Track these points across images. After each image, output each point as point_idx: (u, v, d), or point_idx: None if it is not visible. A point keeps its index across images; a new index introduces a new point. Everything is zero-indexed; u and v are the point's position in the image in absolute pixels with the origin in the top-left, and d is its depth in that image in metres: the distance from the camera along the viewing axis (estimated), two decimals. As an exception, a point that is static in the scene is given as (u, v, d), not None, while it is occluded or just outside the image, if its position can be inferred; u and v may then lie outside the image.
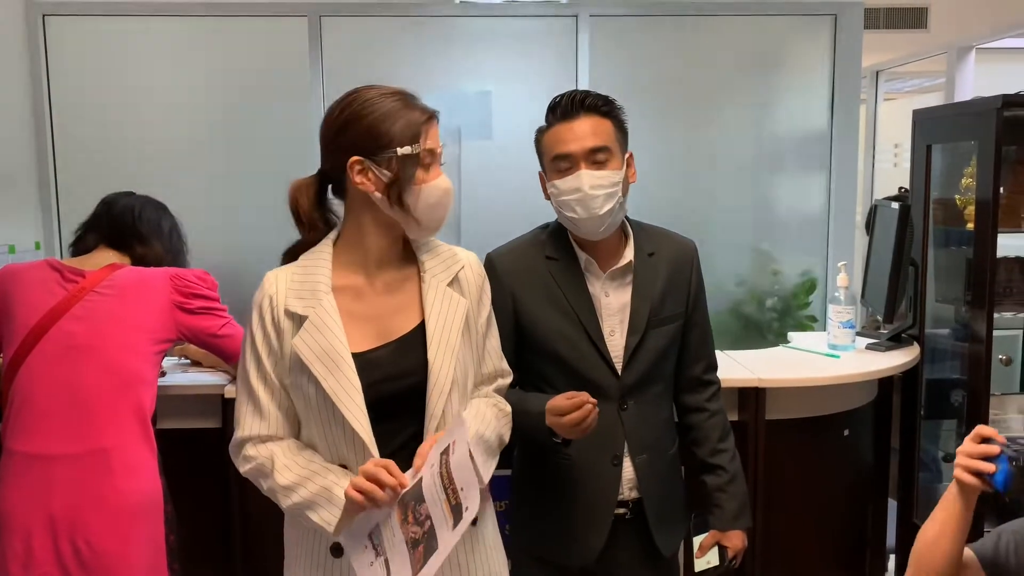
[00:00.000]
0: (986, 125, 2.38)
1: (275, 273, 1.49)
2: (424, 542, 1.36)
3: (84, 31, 3.29)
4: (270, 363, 1.44)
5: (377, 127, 1.41)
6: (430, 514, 1.36)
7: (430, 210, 1.45)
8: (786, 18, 3.55)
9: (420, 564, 1.35)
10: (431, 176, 1.45)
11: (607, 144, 1.69)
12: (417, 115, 1.44)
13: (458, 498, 1.38)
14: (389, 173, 1.41)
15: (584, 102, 1.70)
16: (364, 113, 1.42)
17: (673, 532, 1.85)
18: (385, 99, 1.44)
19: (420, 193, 1.43)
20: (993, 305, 2.43)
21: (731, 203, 3.53)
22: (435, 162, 1.46)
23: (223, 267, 2.33)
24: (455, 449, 1.39)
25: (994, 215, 2.40)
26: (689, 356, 1.85)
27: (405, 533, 1.35)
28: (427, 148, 1.44)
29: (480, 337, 1.55)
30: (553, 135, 1.72)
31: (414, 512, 1.35)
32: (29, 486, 1.80)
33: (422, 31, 3.38)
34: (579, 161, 1.68)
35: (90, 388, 1.83)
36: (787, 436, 2.36)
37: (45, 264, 1.95)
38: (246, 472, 1.47)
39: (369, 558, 1.36)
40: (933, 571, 1.41)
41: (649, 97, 3.43)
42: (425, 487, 1.36)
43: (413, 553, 1.35)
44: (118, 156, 3.31)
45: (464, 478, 1.39)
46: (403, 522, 1.35)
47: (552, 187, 1.72)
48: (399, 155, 1.41)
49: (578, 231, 1.74)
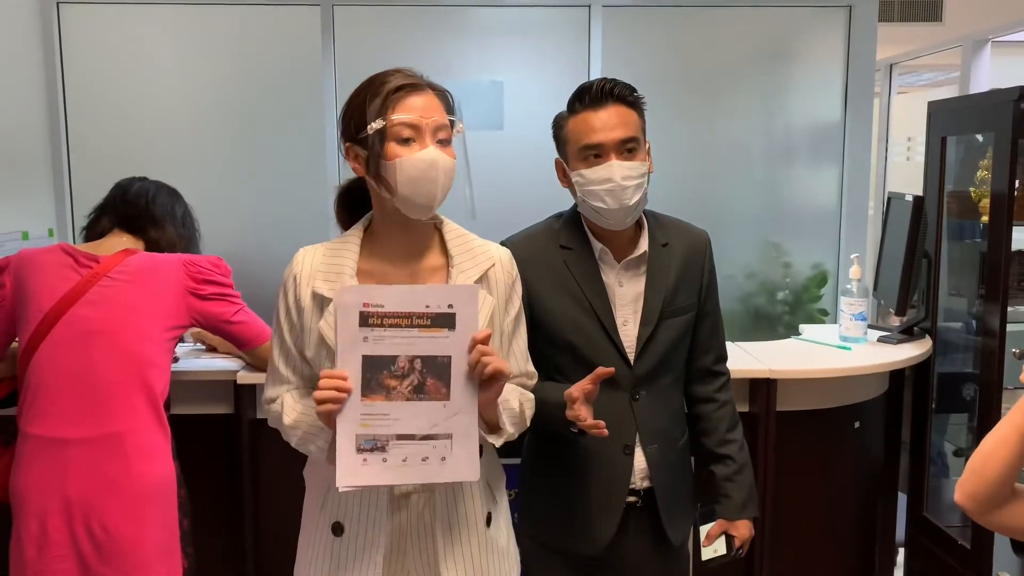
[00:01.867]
0: (1003, 117, 2.37)
1: (304, 252, 1.52)
2: (430, 375, 1.35)
3: (97, 19, 3.30)
4: (291, 336, 1.51)
5: (355, 109, 1.44)
6: (412, 361, 1.34)
7: (412, 184, 1.40)
8: (800, 9, 3.53)
9: (445, 390, 1.35)
10: (411, 149, 1.40)
11: (635, 135, 1.69)
12: (389, 88, 1.41)
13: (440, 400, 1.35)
14: (366, 152, 1.42)
15: (613, 91, 1.68)
16: (350, 99, 1.46)
17: (683, 521, 1.86)
18: (372, 81, 1.44)
19: (397, 168, 1.40)
20: (1007, 298, 2.42)
21: (743, 195, 3.52)
22: (418, 136, 1.41)
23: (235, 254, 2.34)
24: (455, 332, 1.34)
25: (1009, 208, 2.38)
26: (700, 347, 1.85)
27: (399, 394, 1.34)
28: (400, 121, 1.40)
29: (505, 337, 1.55)
30: (581, 122, 1.69)
31: (391, 373, 1.34)
32: (44, 469, 1.82)
33: (434, 20, 3.38)
34: (610, 151, 1.67)
35: (104, 373, 1.84)
36: (798, 428, 2.36)
37: (59, 249, 1.96)
38: (269, 421, 1.57)
39: (357, 461, 1.35)
40: (985, 480, 1.37)
41: (661, 89, 3.42)
42: (385, 349, 1.34)
43: (424, 395, 1.35)
44: (130, 144, 3.32)
45: (460, 391, 1.35)
46: (389, 392, 1.34)
47: (578, 176, 1.70)
48: (369, 131, 1.40)
49: (603, 222, 1.72)
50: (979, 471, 1.38)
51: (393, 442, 1.35)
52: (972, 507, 1.39)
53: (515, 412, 1.51)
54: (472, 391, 1.36)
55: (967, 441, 2.72)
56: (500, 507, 1.59)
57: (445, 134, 1.45)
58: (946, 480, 2.84)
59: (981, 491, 1.38)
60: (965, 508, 1.40)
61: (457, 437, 1.35)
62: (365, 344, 1.34)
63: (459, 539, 1.49)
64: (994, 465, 1.36)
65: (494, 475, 1.59)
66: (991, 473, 1.36)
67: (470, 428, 1.36)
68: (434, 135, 1.43)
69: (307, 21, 3.31)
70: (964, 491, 1.39)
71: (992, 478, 1.36)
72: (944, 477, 2.85)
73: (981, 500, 1.38)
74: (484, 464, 1.48)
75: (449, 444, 1.35)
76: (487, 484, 1.55)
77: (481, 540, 1.51)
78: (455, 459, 1.36)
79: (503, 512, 1.60)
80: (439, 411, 1.35)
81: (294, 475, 1.66)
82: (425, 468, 1.35)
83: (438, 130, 1.43)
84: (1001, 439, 1.37)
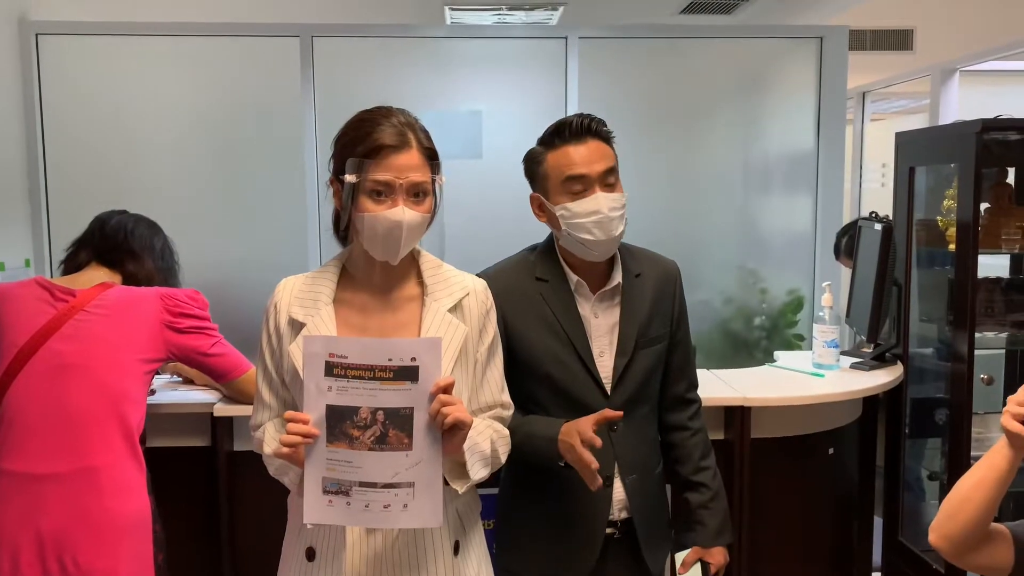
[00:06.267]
0: (966, 148, 2.42)
1: (286, 281, 1.56)
2: (392, 426, 1.36)
3: (76, 50, 3.32)
4: (272, 363, 1.55)
5: (341, 150, 1.48)
6: (374, 413, 1.36)
7: (376, 238, 1.45)
8: (772, 41, 3.61)
9: (408, 440, 1.36)
10: (381, 207, 1.44)
11: (614, 167, 1.73)
12: (372, 146, 1.44)
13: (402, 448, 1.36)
14: (344, 196, 1.46)
15: (591, 126, 1.72)
16: (340, 134, 1.50)
17: (661, 550, 1.87)
18: (363, 123, 1.47)
19: (364, 221, 1.45)
20: (974, 325, 2.47)
21: (719, 222, 3.57)
22: (390, 193, 1.44)
23: (214, 285, 2.35)
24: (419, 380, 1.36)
25: (975, 236, 2.44)
26: (672, 375, 1.87)
27: (362, 444, 1.36)
28: (375, 179, 1.43)
29: (479, 366, 1.57)
30: (563, 157, 1.72)
31: (354, 423, 1.36)
32: (18, 504, 1.80)
33: (414, 52, 3.42)
34: (594, 183, 1.70)
35: (79, 407, 1.84)
36: (772, 455, 2.38)
37: (35, 283, 1.96)
38: (255, 448, 1.59)
39: (323, 502, 1.37)
40: (960, 523, 1.36)
41: (637, 118, 3.48)
42: (349, 400, 1.36)
43: (386, 446, 1.36)
44: (108, 174, 3.33)
45: (422, 441, 1.37)
46: (352, 441, 1.36)
47: (563, 209, 1.71)
48: (345, 182, 1.44)
49: (588, 254, 1.74)
50: (954, 514, 1.37)
51: (356, 488, 1.37)
52: (948, 549, 1.39)
53: (486, 454, 1.52)
54: (435, 440, 1.38)
55: (941, 465, 2.75)
56: (470, 537, 1.59)
57: (421, 187, 1.47)
58: (922, 504, 2.87)
59: (956, 533, 1.37)
60: (940, 550, 1.39)
61: (419, 486, 1.37)
62: (330, 393, 1.37)
63: (424, 566, 1.50)
64: (970, 508, 1.35)
65: (467, 505, 1.60)
66: (966, 516, 1.36)
67: (433, 477, 1.38)
68: (408, 192, 1.46)
69: (286, 52, 3.34)
70: (939, 533, 1.39)
71: (967, 521, 1.36)
72: (920, 501, 2.88)
73: (957, 542, 1.38)
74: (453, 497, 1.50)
75: (412, 492, 1.37)
76: (457, 513, 1.56)
77: (447, 568, 1.52)
78: (417, 506, 1.38)
79: (474, 541, 1.60)
80: (401, 460, 1.37)
81: (271, 508, 1.66)
82: (386, 514, 1.38)
83: (413, 187, 1.46)
84: (977, 482, 1.36)
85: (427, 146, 1.49)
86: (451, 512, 1.53)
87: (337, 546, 1.48)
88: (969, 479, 1.38)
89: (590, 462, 1.58)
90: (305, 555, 1.51)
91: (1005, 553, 1.42)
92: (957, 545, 1.38)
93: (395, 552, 1.49)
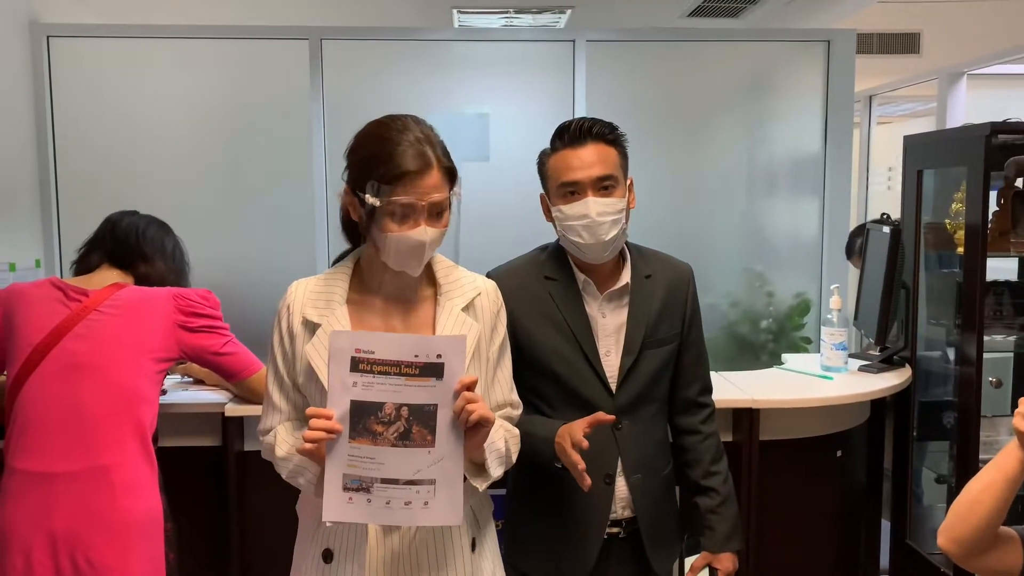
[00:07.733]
0: (975, 151, 2.43)
1: (298, 283, 1.56)
2: (416, 423, 1.37)
3: (87, 52, 3.34)
4: (284, 366, 1.53)
5: (360, 167, 1.46)
6: (398, 409, 1.36)
7: (399, 256, 1.47)
8: (780, 44, 3.61)
9: (431, 437, 1.36)
10: (404, 228, 1.44)
11: (613, 172, 1.73)
12: (397, 171, 1.42)
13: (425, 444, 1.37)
14: (363, 212, 1.46)
15: (592, 130, 1.73)
16: (356, 147, 1.48)
17: (668, 552, 1.87)
18: (383, 142, 1.44)
19: (388, 240, 1.45)
20: (983, 328, 2.47)
21: (726, 225, 3.57)
22: (414, 214, 1.44)
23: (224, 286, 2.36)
24: (442, 378, 1.36)
25: (983, 239, 2.44)
26: (684, 378, 1.88)
27: (386, 440, 1.36)
28: (399, 202, 1.42)
29: (490, 365, 1.58)
30: (560, 161, 1.74)
31: (378, 419, 1.36)
32: (30, 503, 1.82)
33: (422, 54, 3.43)
34: (587, 188, 1.72)
35: (92, 407, 1.85)
36: (781, 457, 2.38)
37: (48, 283, 1.98)
38: (263, 453, 1.58)
39: (343, 499, 1.37)
40: (969, 526, 1.36)
41: (645, 121, 3.48)
42: (374, 395, 1.36)
43: (409, 442, 1.37)
44: (119, 176, 3.34)
45: (445, 439, 1.37)
46: (375, 437, 1.36)
47: (557, 211, 1.75)
48: (368, 201, 1.44)
49: (582, 255, 1.77)
50: (964, 516, 1.37)
51: (378, 485, 1.37)
52: (957, 552, 1.39)
53: (501, 452, 1.53)
54: (458, 438, 1.39)
55: (949, 468, 2.75)
56: (485, 534, 1.61)
57: (441, 206, 1.47)
58: (929, 507, 2.87)
59: (966, 536, 1.37)
60: (949, 553, 1.39)
61: (441, 483, 1.38)
62: (354, 389, 1.37)
63: (444, 564, 1.51)
64: (980, 511, 1.35)
65: (480, 503, 1.61)
66: (976, 519, 1.35)
67: (454, 474, 1.39)
68: (429, 212, 1.46)
69: (295, 55, 3.36)
70: (948, 536, 1.39)
71: (977, 524, 1.36)
72: (927, 504, 2.87)
73: (966, 545, 1.38)
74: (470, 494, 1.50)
75: (432, 489, 1.38)
76: (472, 511, 1.58)
77: (466, 565, 1.53)
78: (438, 504, 1.38)
79: (488, 539, 1.62)
80: (423, 457, 1.37)
81: (282, 508, 1.67)
82: (407, 512, 1.38)
83: (434, 207, 1.46)
84: (986, 485, 1.36)
85: (446, 165, 1.48)
86: (467, 510, 1.54)
87: (357, 547, 1.48)
88: (978, 482, 1.38)
89: (577, 462, 1.60)
90: (322, 557, 1.51)
91: (1014, 556, 1.42)
92: (966, 548, 1.38)
93: (415, 551, 1.50)
